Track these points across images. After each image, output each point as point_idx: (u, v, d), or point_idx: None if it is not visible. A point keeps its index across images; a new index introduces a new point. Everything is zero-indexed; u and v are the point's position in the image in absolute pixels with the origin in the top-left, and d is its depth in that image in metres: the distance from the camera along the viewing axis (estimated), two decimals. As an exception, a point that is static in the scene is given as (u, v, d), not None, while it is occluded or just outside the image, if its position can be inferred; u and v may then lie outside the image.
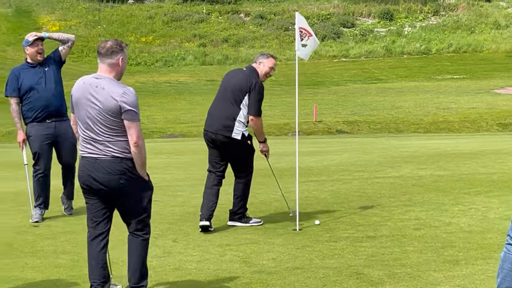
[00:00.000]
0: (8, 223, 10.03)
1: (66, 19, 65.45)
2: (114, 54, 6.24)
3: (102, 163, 6.16)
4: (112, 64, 6.27)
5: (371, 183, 12.71)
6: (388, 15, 64.06)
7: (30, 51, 9.90)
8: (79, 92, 6.27)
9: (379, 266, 7.38)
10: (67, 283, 7.07)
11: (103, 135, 6.13)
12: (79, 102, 6.24)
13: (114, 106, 6.08)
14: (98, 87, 6.18)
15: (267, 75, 9.54)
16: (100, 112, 6.11)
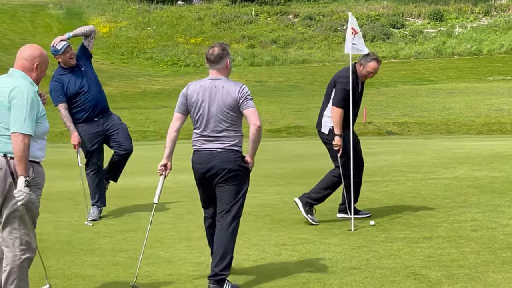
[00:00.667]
0: (66, 222, 10.18)
1: (116, 20, 66.03)
2: (222, 59, 6.96)
3: (219, 155, 6.83)
4: (221, 68, 6.97)
5: (425, 184, 12.64)
6: (438, 16, 63.48)
7: (63, 58, 10.04)
8: (198, 95, 6.89)
9: (436, 267, 7.34)
10: (125, 280, 7.15)
11: (221, 131, 6.83)
12: (198, 103, 6.89)
13: (233, 101, 6.73)
14: (216, 87, 6.84)
15: (366, 76, 9.66)
16: (220, 109, 6.77)
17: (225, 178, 6.85)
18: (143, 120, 33.30)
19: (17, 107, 5.89)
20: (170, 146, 7.32)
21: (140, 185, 13.65)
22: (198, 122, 6.98)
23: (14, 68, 6.18)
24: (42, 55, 6.20)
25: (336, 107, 9.39)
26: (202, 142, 6.99)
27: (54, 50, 10.02)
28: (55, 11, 71.01)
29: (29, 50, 6.21)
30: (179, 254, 8.18)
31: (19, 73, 6.11)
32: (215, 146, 6.87)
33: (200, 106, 6.88)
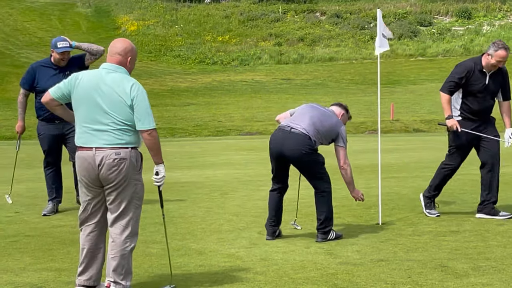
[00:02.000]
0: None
1: (144, 18, 66.50)
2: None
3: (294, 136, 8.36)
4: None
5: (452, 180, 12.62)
6: (466, 14, 63.29)
7: (56, 56, 10.23)
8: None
9: (463, 259, 7.46)
10: (158, 270, 7.33)
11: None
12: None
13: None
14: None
15: (495, 66, 9.67)
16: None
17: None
18: (171, 117, 33.57)
19: (142, 105, 6.21)
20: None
21: (169, 180, 13.82)
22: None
23: (112, 63, 6.33)
24: (133, 49, 6.42)
25: (441, 92, 9.53)
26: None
27: (55, 45, 10.19)
28: (84, 9, 71.61)
29: (121, 44, 6.39)
30: (210, 246, 8.36)
31: (121, 69, 6.33)
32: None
33: None
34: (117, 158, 6.22)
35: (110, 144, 6.22)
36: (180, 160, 18.24)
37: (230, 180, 13.66)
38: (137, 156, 6.39)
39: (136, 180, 6.39)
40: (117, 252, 6.33)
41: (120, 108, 6.20)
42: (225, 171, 15.15)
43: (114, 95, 6.20)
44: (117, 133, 6.24)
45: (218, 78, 49.90)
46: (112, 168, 6.23)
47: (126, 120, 6.23)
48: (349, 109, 9.04)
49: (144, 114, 6.23)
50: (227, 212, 10.46)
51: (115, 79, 6.25)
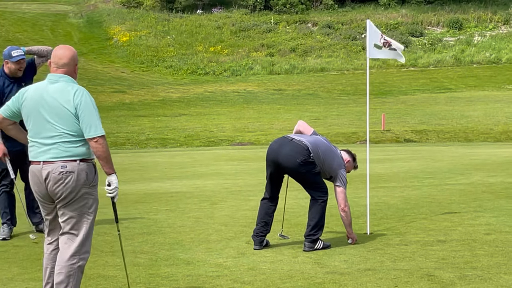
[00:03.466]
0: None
1: (136, 29, 66.52)
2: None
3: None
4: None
5: (441, 190, 12.79)
6: (457, 24, 63.51)
7: (12, 67, 9.52)
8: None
9: (450, 268, 7.49)
10: (146, 280, 7.34)
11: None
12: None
13: None
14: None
15: None
16: None
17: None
18: (162, 128, 33.58)
19: (87, 111, 5.94)
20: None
21: (159, 190, 13.87)
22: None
23: (55, 73, 6.08)
24: (76, 54, 6.20)
25: None
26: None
27: (8, 55, 9.55)
28: (76, 20, 71.62)
29: (67, 53, 6.13)
30: (198, 256, 8.38)
31: (65, 77, 6.07)
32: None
33: None
34: (63, 171, 5.95)
35: (57, 158, 5.96)
36: (171, 170, 18.25)
37: (219, 190, 13.68)
38: (88, 168, 6.06)
39: (87, 194, 6.08)
40: (62, 268, 6.02)
41: (64, 118, 5.95)
42: (215, 181, 15.18)
43: (58, 105, 5.96)
44: (63, 146, 5.97)
45: (210, 88, 49.94)
46: (58, 181, 5.96)
47: (72, 130, 5.97)
48: (356, 158, 9.13)
49: (89, 121, 5.93)
50: (216, 222, 10.48)
51: (58, 89, 6.01)
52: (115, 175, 6.14)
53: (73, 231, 6.08)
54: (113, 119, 36.90)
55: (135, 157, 22.99)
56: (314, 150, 8.48)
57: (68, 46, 6.19)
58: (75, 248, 6.06)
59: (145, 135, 31.50)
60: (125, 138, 30.95)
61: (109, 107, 41.68)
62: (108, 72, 54.86)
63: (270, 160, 8.58)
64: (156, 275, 7.51)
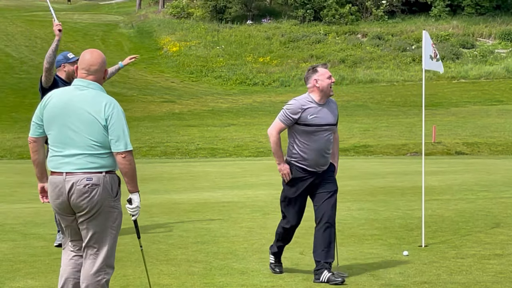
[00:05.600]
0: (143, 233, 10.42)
1: (186, 39, 66.96)
2: (309, 80, 7.91)
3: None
4: (311, 87, 7.85)
5: (496, 203, 12.62)
6: (509, 36, 62.79)
7: (70, 68, 9.64)
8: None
9: (507, 283, 7.39)
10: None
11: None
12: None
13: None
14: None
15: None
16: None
17: None
18: (212, 138, 33.70)
19: (117, 124, 5.72)
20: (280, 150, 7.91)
21: (210, 200, 13.91)
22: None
23: (84, 79, 5.86)
24: (105, 58, 5.97)
25: None
26: None
27: (65, 58, 9.71)
28: (126, 30, 72.37)
29: (95, 56, 5.90)
30: (252, 265, 8.37)
31: (95, 85, 5.85)
32: None
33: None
34: (88, 183, 5.69)
35: (82, 169, 5.70)
36: (221, 180, 18.30)
37: (271, 201, 13.66)
38: (112, 181, 5.81)
39: (111, 207, 5.82)
40: (89, 284, 5.81)
41: (92, 128, 5.71)
42: (266, 192, 15.16)
43: (86, 114, 5.71)
44: (89, 157, 5.73)
45: (259, 99, 50.01)
46: (83, 194, 5.70)
47: (99, 141, 5.72)
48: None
49: (119, 135, 5.70)
50: (269, 232, 10.45)
51: (87, 97, 5.77)
52: (138, 193, 5.85)
53: (96, 245, 5.85)
54: (162, 128, 37.14)
55: (185, 167, 23.11)
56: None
57: (98, 51, 5.96)
58: (99, 264, 5.84)
59: (194, 144, 31.64)
60: (175, 147, 31.11)
61: (159, 117, 41.98)
62: (158, 82, 55.28)
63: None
64: (211, 284, 7.52)
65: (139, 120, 40.08)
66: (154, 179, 18.40)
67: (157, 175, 19.49)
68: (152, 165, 23.99)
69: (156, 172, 20.40)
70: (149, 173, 20.17)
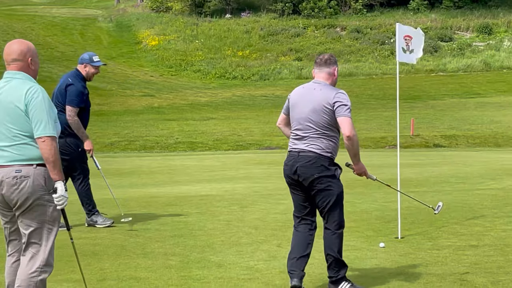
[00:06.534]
0: (120, 227, 10.44)
1: (165, 33, 66.75)
2: (332, 65, 7.03)
3: (302, 157, 6.89)
4: (329, 73, 7.01)
5: (472, 195, 12.72)
6: (487, 29, 63.09)
7: (91, 71, 10.31)
8: (298, 96, 7.01)
9: (482, 273, 7.45)
10: (178, 283, 7.36)
11: (309, 132, 6.85)
12: (296, 104, 6.99)
13: (327, 105, 6.75)
14: (315, 89, 6.91)
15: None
16: (314, 110, 6.79)
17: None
18: (191, 132, 33.65)
19: (37, 109, 5.50)
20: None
21: (189, 193, 13.91)
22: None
23: (10, 71, 5.69)
24: (31, 48, 5.73)
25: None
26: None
27: (89, 59, 10.29)
28: (105, 24, 72.05)
29: (16, 47, 5.71)
30: (230, 258, 8.39)
31: (20, 74, 5.67)
32: (301, 148, 6.92)
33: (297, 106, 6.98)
34: (17, 175, 5.51)
35: (11, 161, 5.54)
36: (200, 173, 18.30)
37: (249, 194, 13.69)
38: (46, 173, 5.57)
39: (46, 201, 5.60)
40: (23, 282, 5.58)
41: (17, 118, 5.53)
42: (244, 185, 15.19)
43: (9, 105, 5.54)
44: (18, 148, 5.54)
45: (238, 92, 49.99)
46: (12, 187, 5.53)
47: (23, 130, 5.53)
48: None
49: (38, 119, 5.47)
50: (247, 225, 10.49)
51: (11, 87, 5.61)
52: (61, 182, 5.55)
53: (33, 242, 5.64)
54: (142, 122, 37.04)
55: (164, 160, 23.07)
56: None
57: (20, 40, 5.78)
58: (35, 260, 5.63)
59: (173, 138, 31.56)
60: (154, 141, 31.03)
61: (138, 111, 41.86)
62: (137, 76, 55.10)
63: None
64: (188, 277, 7.54)
65: (118, 114, 39.98)
66: (133, 173, 18.37)
67: (136, 169, 19.45)
68: (130, 159, 23.94)
69: (134, 166, 20.36)
70: (127, 167, 20.14)
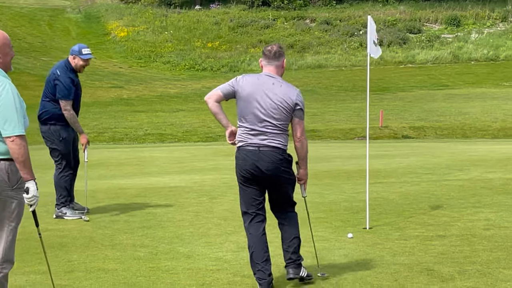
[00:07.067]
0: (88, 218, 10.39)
1: (134, 24, 66.46)
2: (281, 57, 6.88)
3: (266, 153, 6.72)
4: (278, 66, 6.88)
5: (440, 185, 12.82)
6: (455, 21, 63.50)
7: (80, 63, 10.38)
8: (252, 87, 6.78)
9: (449, 263, 7.52)
10: (146, 274, 7.35)
11: (270, 128, 6.72)
12: (251, 96, 6.78)
13: (289, 103, 6.72)
14: (274, 85, 6.76)
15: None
16: (275, 107, 6.70)
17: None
18: (160, 123, 33.58)
19: (5, 106, 5.37)
20: (222, 114, 7.27)
21: (158, 185, 13.87)
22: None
23: None
24: (2, 38, 5.55)
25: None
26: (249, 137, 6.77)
27: (78, 51, 10.37)
28: (74, 15, 71.55)
29: None
30: (198, 249, 8.39)
31: None
32: (263, 143, 6.73)
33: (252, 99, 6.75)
34: None
35: None
36: (169, 165, 18.26)
37: (218, 185, 13.68)
38: (9, 169, 5.45)
39: (8, 197, 5.48)
40: None
41: None
42: (214, 176, 15.17)
43: None
44: None
45: (208, 84, 49.89)
46: None
47: None
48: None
49: (6, 117, 5.34)
50: (216, 216, 10.49)
51: None
52: (33, 182, 5.46)
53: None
54: (111, 114, 36.89)
55: (133, 152, 22.98)
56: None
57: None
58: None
59: (143, 130, 31.48)
60: (123, 133, 30.93)
61: (107, 103, 41.67)
62: (106, 68, 54.81)
63: None
64: (156, 269, 7.53)
65: (87, 105, 39.68)
66: (101, 164, 18.27)
67: (104, 161, 19.35)
68: (99, 150, 23.79)
69: (103, 157, 20.25)
70: (96, 159, 19.99)
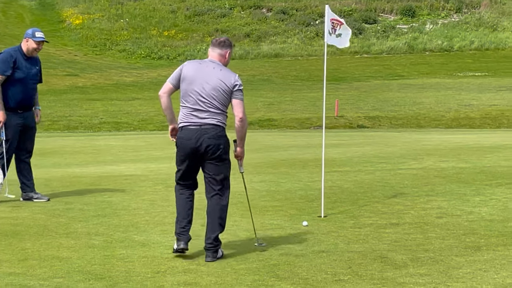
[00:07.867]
0: (42, 207, 10.31)
1: (89, 12, 65.90)
2: (225, 47, 7.49)
3: (207, 130, 7.31)
4: (221, 54, 7.48)
5: (394, 174, 12.95)
6: (410, 12, 64.05)
7: (32, 45, 10.31)
8: (194, 72, 7.36)
9: (402, 250, 7.61)
10: (101, 262, 7.33)
11: (210, 108, 7.31)
12: (194, 79, 7.33)
13: (228, 85, 7.32)
14: (215, 69, 7.36)
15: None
16: (215, 89, 7.28)
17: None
18: (116, 112, 33.39)
19: None
20: (171, 110, 7.74)
21: (113, 173, 13.81)
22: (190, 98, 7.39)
23: None
24: None
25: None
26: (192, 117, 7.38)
27: (32, 35, 10.29)
28: (28, 2, 70.67)
29: None
30: (154, 237, 8.39)
31: None
32: (204, 121, 7.33)
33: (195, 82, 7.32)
34: None
35: None
36: (124, 153, 18.19)
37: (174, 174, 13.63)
38: None
39: None
40: None
41: None
42: (169, 165, 15.10)
43: None
44: None
45: (164, 72, 49.67)
46: None
47: None
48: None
49: None
50: (171, 204, 10.43)
51: None
52: None
53: None
54: (65, 102, 36.58)
55: (88, 140, 22.84)
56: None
57: None
58: None
59: (98, 118, 31.29)
60: (78, 121, 30.72)
61: (62, 91, 41.30)
62: (60, 55, 54.28)
63: None
64: (111, 257, 7.51)
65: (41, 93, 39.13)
66: (55, 152, 18.14)
67: (59, 149, 19.21)
68: (53, 138, 23.62)
69: (57, 145, 20.10)
70: (50, 147, 19.85)
